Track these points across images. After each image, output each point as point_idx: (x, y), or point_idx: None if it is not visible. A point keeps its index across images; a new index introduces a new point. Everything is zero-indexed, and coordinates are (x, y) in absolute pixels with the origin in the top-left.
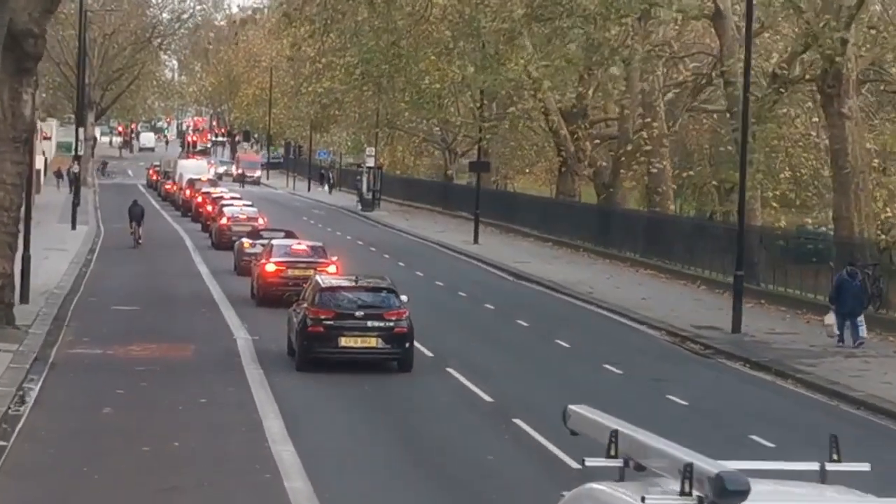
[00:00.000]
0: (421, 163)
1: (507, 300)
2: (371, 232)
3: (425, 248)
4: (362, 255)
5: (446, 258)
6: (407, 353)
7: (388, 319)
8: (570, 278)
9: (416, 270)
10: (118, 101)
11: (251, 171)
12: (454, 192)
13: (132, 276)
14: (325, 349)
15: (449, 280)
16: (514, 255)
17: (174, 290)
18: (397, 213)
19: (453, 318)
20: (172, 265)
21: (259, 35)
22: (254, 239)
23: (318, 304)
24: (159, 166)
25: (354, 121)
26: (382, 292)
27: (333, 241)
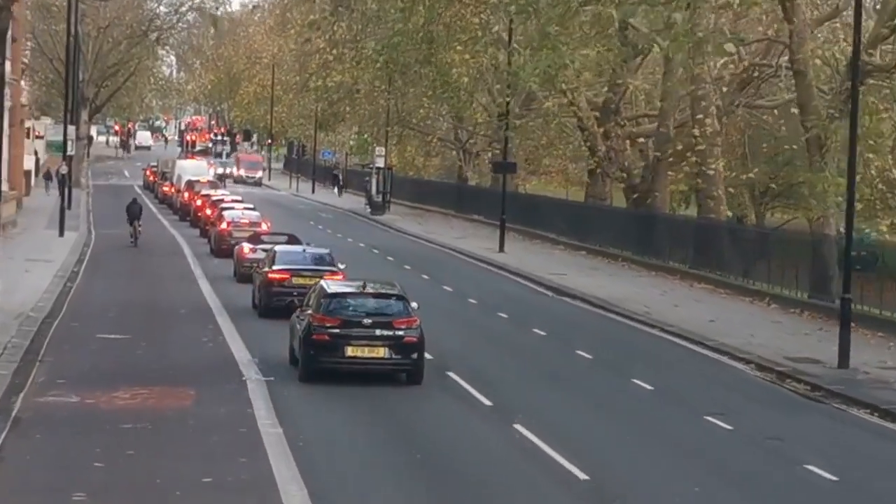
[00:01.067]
0: (430, 163)
1: (555, 322)
2: (384, 238)
3: (446, 256)
4: (378, 264)
5: (473, 269)
6: (417, 364)
7: (398, 328)
8: (617, 293)
9: (442, 284)
10: (114, 99)
11: (252, 171)
12: (469, 195)
13: (123, 291)
14: (331, 359)
15: (482, 296)
16: (545, 265)
17: (170, 307)
18: (409, 217)
19: (500, 347)
20: (168, 276)
21: (260, 31)
22: (254, 244)
23: (324, 310)
24: (156, 167)
25: (363, 118)
26: (391, 299)
27: (344, 249)
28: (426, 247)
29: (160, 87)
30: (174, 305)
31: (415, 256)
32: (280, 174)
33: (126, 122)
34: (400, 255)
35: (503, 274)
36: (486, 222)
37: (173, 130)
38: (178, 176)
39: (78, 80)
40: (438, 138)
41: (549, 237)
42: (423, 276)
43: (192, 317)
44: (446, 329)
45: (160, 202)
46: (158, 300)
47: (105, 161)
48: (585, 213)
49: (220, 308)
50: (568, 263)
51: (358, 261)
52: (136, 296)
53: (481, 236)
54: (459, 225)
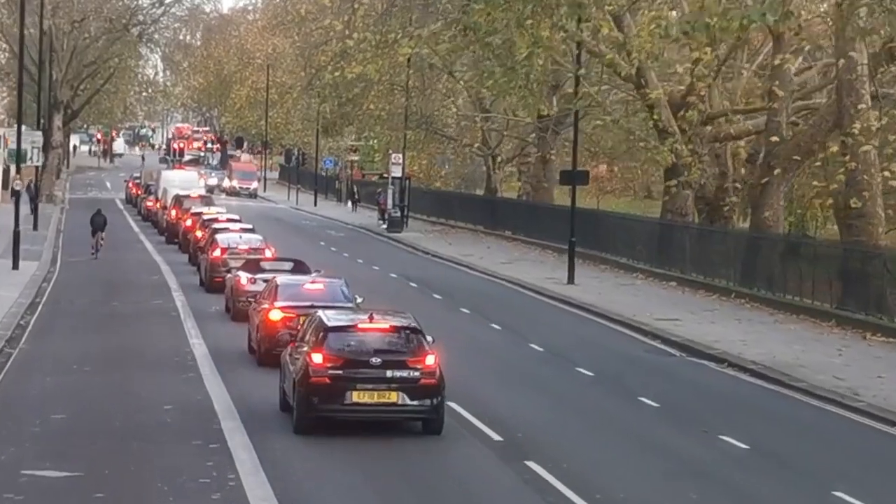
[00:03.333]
0: (436, 173)
1: (731, 413)
2: (411, 262)
3: (503, 291)
4: (419, 303)
5: (549, 312)
6: (435, 410)
7: (413, 367)
8: (778, 354)
9: (529, 341)
10: (93, 104)
11: (246, 182)
12: (504, 209)
13: (82, 359)
14: (332, 406)
15: (593, 362)
16: (638, 303)
17: (144, 390)
18: (432, 235)
19: (628, 442)
20: (146, 326)
21: (253, 30)
22: (252, 273)
23: (323, 347)
24: (140, 178)
25: (380, 120)
26: (405, 332)
27: (368, 280)
28: (469, 276)
29: (144, 89)
30: (152, 374)
31: (460, 290)
32: (275, 185)
33: (109, 130)
34: (437, 287)
35: (596, 320)
36: (530, 242)
37: (160, 139)
38: (164, 189)
39: (51, 81)
40: (465, 144)
41: (619, 262)
42: (492, 325)
43: (175, 397)
44: (528, 400)
45: (143, 219)
46: (129, 371)
47: (86, 172)
48: (668, 233)
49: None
50: (666, 301)
51: (376, 294)
52: (100, 368)
53: (532, 261)
54: (497, 245)
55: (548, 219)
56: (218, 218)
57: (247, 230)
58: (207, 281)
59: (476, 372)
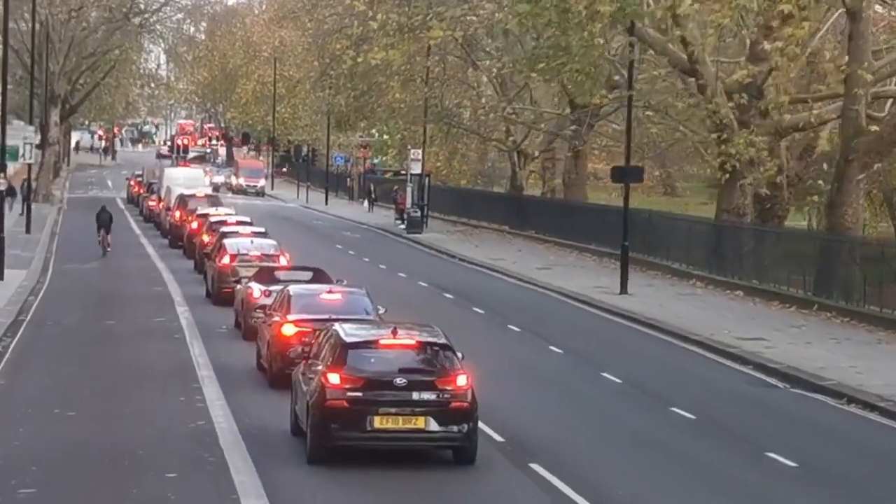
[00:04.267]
0: (457, 168)
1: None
2: (438, 268)
3: (549, 302)
4: (459, 319)
5: (610, 329)
6: (468, 437)
7: (443, 389)
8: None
9: (600, 369)
10: (94, 98)
11: (253, 180)
12: (529, 208)
13: (67, 400)
14: (351, 433)
15: (687, 399)
16: (708, 318)
17: (143, 443)
18: (455, 236)
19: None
20: (145, 352)
21: (259, 21)
22: (265, 284)
23: (340, 366)
24: (142, 176)
25: (397, 112)
26: (433, 349)
27: (392, 289)
28: (506, 284)
29: (147, 83)
30: (151, 410)
31: (500, 301)
32: (284, 182)
33: (111, 126)
34: (471, 297)
35: (658, 336)
36: (564, 244)
37: (164, 135)
38: (168, 188)
39: (47, 74)
40: (489, 138)
41: (671, 268)
42: (551, 347)
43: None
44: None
45: (145, 220)
46: (128, 433)
47: (87, 170)
48: (726, 235)
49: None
50: (741, 315)
51: (425, 311)
52: (91, 415)
53: (572, 266)
54: (528, 248)
55: (584, 219)
56: (226, 220)
57: (259, 234)
58: (215, 292)
59: (540, 408)
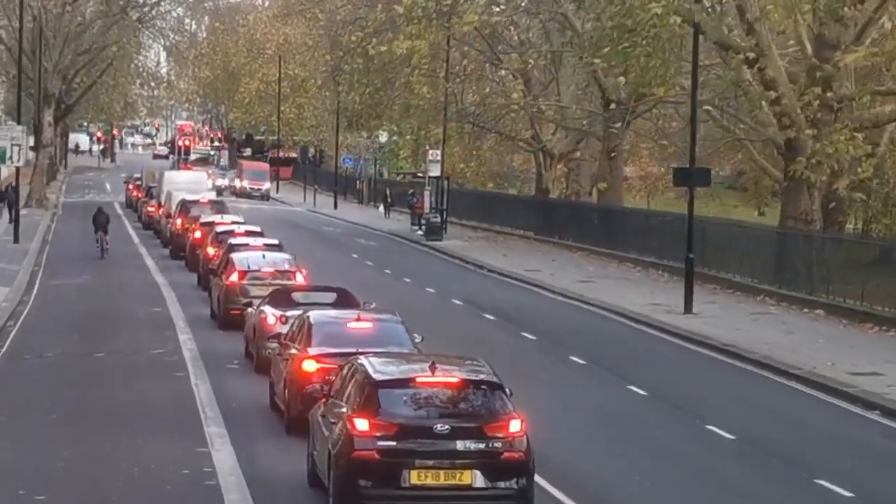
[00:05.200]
0: (472, 169)
1: None
2: (468, 282)
3: (606, 324)
4: (510, 349)
5: (690, 360)
6: (523, 495)
7: (493, 437)
8: None
9: (701, 418)
10: (91, 97)
11: (258, 182)
12: (557, 212)
13: (39, 477)
14: (384, 490)
15: (827, 463)
16: (800, 344)
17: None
18: (477, 243)
19: None
20: (139, 396)
21: (263, 18)
22: (281, 307)
23: (371, 409)
24: (140, 179)
25: (417, 109)
26: (480, 388)
27: (422, 308)
28: (549, 301)
29: (146, 81)
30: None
31: (559, 326)
32: (288, 185)
33: (110, 128)
34: (528, 322)
35: (748, 369)
36: (601, 253)
37: (165, 136)
38: (168, 193)
39: (41, 72)
40: (512, 137)
41: (731, 281)
42: (629, 386)
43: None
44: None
45: (144, 227)
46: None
47: (85, 172)
48: (793, 244)
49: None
50: (838, 341)
51: (467, 338)
52: (65, 496)
53: (616, 279)
54: (561, 257)
55: (624, 225)
56: (234, 230)
57: (271, 247)
58: (222, 313)
59: (622, 467)
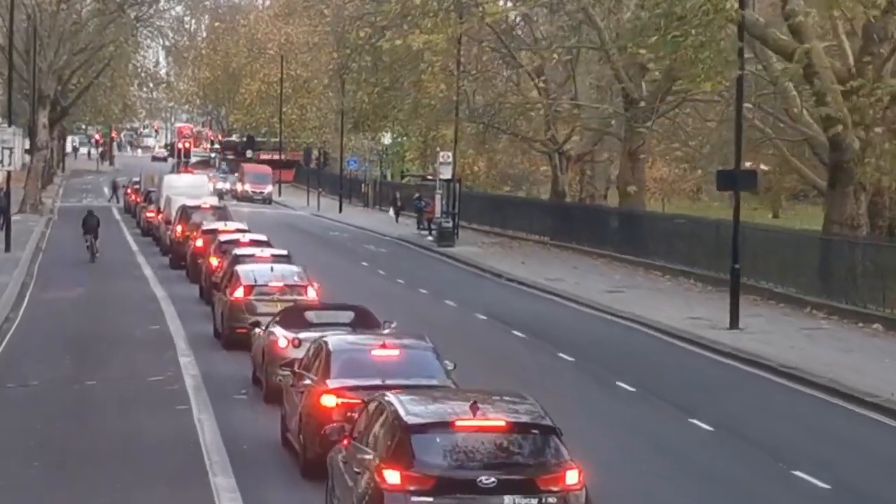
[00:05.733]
0: (482, 171)
1: None
2: (487, 292)
3: (646, 341)
4: (546, 373)
5: (746, 383)
6: None
7: (547, 491)
8: None
9: (787, 465)
10: (88, 99)
11: (260, 186)
12: (575, 216)
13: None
14: None
15: None
16: (867, 365)
17: None
18: (491, 249)
19: None
20: (136, 434)
21: (264, 17)
22: (293, 328)
23: (403, 459)
24: (139, 183)
25: (427, 109)
26: (529, 434)
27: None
28: (579, 315)
29: (144, 82)
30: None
31: (596, 345)
32: (290, 188)
33: (108, 130)
34: (561, 339)
35: (818, 396)
36: (624, 260)
37: (164, 139)
38: (168, 198)
39: (35, 72)
40: (527, 138)
41: (774, 292)
42: (691, 419)
43: None
44: None
45: (143, 234)
46: None
47: (83, 176)
48: (844, 251)
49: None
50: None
51: (495, 361)
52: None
53: (647, 289)
54: (583, 264)
55: (649, 231)
56: (239, 239)
57: (280, 257)
58: (226, 332)
59: None
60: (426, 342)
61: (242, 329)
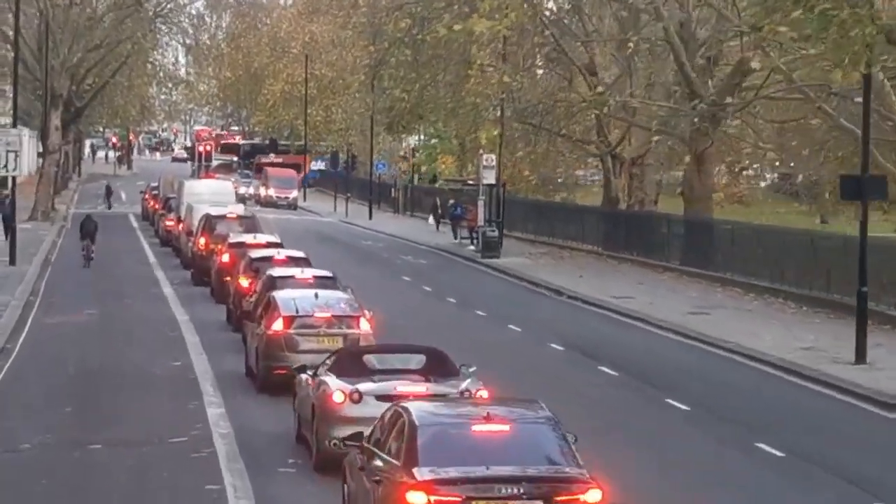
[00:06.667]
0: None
1: None
2: (550, 312)
3: (765, 381)
4: (656, 429)
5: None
6: None
7: None
8: None
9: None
10: (104, 99)
11: (285, 191)
12: (632, 225)
13: None
14: None
15: None
16: None
17: None
18: (541, 260)
19: None
20: (154, 494)
21: (287, 16)
22: (351, 376)
23: None
24: (157, 189)
25: (468, 107)
26: None
27: (507, 352)
28: (665, 341)
29: (163, 82)
30: None
31: (709, 388)
32: (315, 192)
33: (125, 133)
34: (654, 376)
35: None
36: (692, 273)
37: (184, 141)
38: (189, 206)
39: (47, 71)
40: (579, 140)
41: (888, 315)
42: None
43: None
44: None
45: (162, 244)
46: None
47: (100, 180)
48: None
49: None
50: None
51: (596, 407)
52: None
53: (733, 308)
54: (647, 279)
55: (724, 242)
56: (273, 257)
57: (323, 279)
58: (262, 372)
59: None
60: (542, 410)
61: (281, 370)
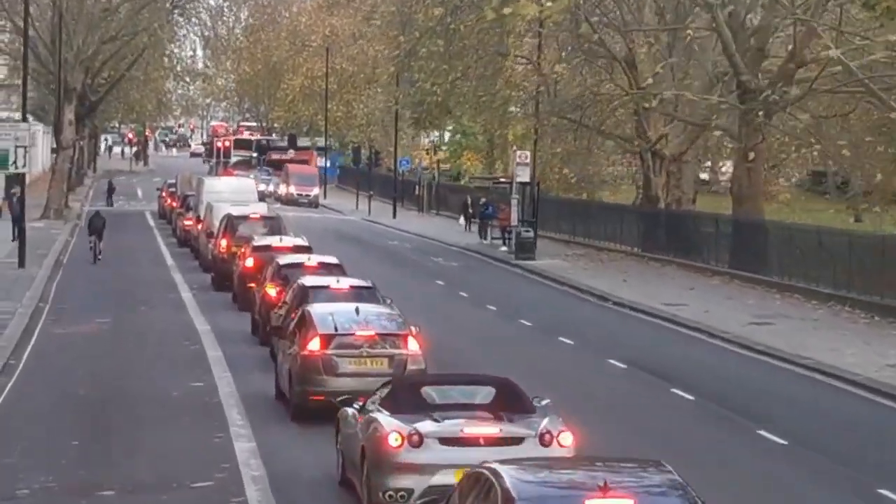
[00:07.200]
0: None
1: None
2: (599, 322)
3: (863, 409)
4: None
5: None
6: None
7: None
8: None
9: None
10: (119, 94)
11: (306, 188)
12: (674, 225)
13: None
14: None
15: None
16: None
17: None
18: (579, 262)
19: None
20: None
21: (306, 9)
22: (405, 415)
23: None
24: (175, 186)
25: (500, 100)
26: None
27: (559, 369)
28: (729, 355)
29: (180, 76)
30: None
31: (804, 417)
32: (335, 189)
33: (141, 128)
34: (734, 400)
35: None
36: (743, 277)
37: (200, 138)
38: (208, 205)
39: (61, 63)
40: (610, 135)
41: None
42: None
43: None
44: None
45: (180, 244)
46: None
47: (115, 177)
48: None
49: None
50: None
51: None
52: None
53: (797, 318)
54: (699, 283)
55: (779, 244)
56: (304, 263)
57: (362, 289)
58: (296, 398)
59: None
60: (670, 475)
61: (319, 396)
